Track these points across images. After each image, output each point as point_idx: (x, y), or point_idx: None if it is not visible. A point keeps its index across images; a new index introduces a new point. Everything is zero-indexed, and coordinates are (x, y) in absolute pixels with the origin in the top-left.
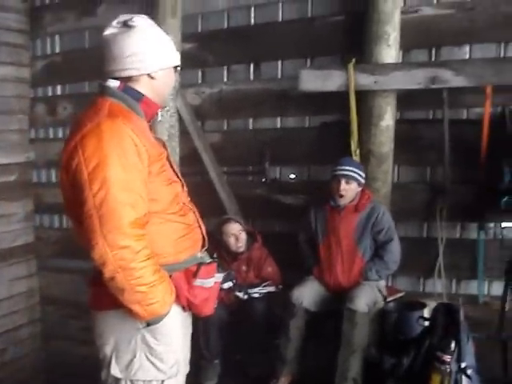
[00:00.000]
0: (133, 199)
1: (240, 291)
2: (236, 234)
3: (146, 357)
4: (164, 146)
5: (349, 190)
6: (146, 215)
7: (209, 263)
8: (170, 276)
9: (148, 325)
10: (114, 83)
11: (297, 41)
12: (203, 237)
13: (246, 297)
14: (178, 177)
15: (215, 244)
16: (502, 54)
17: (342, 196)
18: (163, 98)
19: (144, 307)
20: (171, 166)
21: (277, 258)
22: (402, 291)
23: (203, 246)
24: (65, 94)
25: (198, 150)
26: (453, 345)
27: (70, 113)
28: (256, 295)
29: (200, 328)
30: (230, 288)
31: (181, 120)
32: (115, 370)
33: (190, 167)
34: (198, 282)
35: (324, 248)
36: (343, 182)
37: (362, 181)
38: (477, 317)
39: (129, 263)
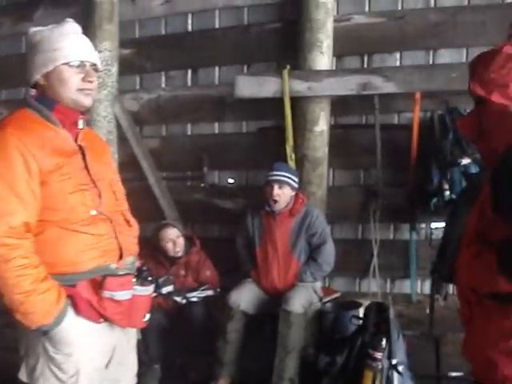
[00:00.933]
0: (9, 209)
1: (178, 296)
2: (173, 239)
3: (47, 364)
4: (103, 151)
5: (282, 195)
6: (28, 224)
7: (122, 275)
8: (74, 285)
9: (44, 333)
10: (31, 92)
11: (233, 47)
12: (120, 248)
13: (184, 301)
14: (94, 184)
15: (153, 249)
16: (430, 61)
17: (275, 201)
18: (67, 100)
19: (24, 316)
20: (89, 173)
21: (215, 262)
22: (338, 292)
23: (121, 257)
24: (1, 100)
25: (137, 156)
26: (384, 342)
27: None
28: (194, 299)
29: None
30: (168, 293)
31: (119, 126)
32: (22, 375)
33: (129, 173)
34: (106, 293)
35: (261, 252)
36: (276, 187)
37: (295, 185)
38: (410, 314)
39: (1, 272)
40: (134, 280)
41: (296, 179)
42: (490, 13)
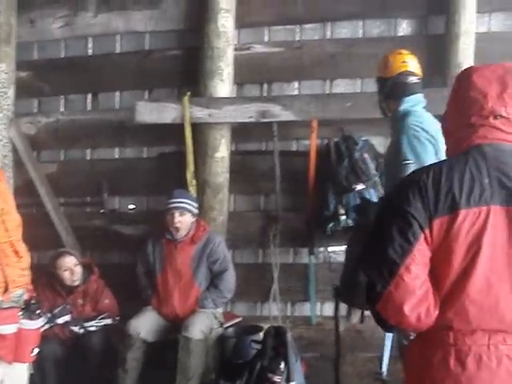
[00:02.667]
0: None
1: (76, 325)
2: (71, 267)
3: None
4: None
5: (183, 222)
6: None
7: (6, 308)
8: None
9: None
10: None
11: (134, 73)
12: (5, 280)
13: (82, 331)
14: None
15: (49, 278)
16: (327, 91)
17: (177, 229)
18: None
19: None
20: None
21: (116, 289)
22: (240, 316)
23: (6, 290)
24: None
25: (33, 181)
26: (282, 365)
27: None
28: (93, 328)
29: (34, 365)
30: (65, 322)
31: (15, 150)
32: None
33: (25, 199)
34: None
35: (161, 279)
36: (177, 214)
37: (196, 211)
38: (311, 337)
39: None
40: (21, 313)
41: (196, 205)
42: (383, 45)
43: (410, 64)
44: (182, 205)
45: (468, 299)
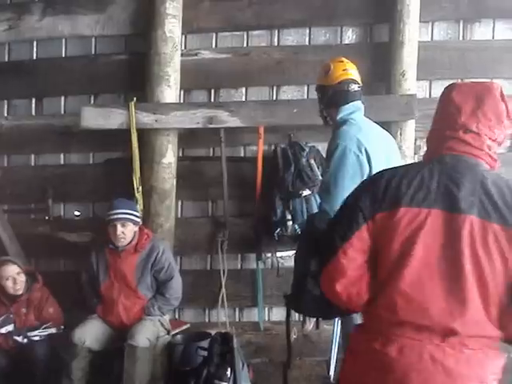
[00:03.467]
0: None
1: (19, 335)
2: (13, 276)
3: None
4: None
5: (126, 233)
6: None
7: None
8: None
9: None
10: None
11: (80, 77)
12: None
13: (25, 340)
14: None
15: None
16: (274, 97)
17: (120, 240)
18: None
19: None
20: None
21: (61, 298)
22: (188, 323)
23: None
24: None
25: None
26: (228, 372)
27: None
28: (36, 338)
29: None
30: (8, 332)
31: None
32: None
33: None
34: None
35: (106, 288)
36: (119, 226)
37: (138, 220)
38: (259, 342)
39: None
40: None
41: (138, 213)
42: (329, 52)
43: (351, 72)
44: (124, 216)
45: (397, 291)
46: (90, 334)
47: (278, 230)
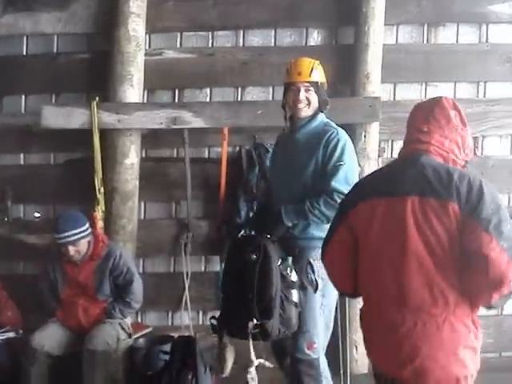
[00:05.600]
0: None
1: None
2: None
3: None
4: None
5: (80, 249)
6: None
7: None
8: None
9: None
10: None
11: (41, 76)
12: None
13: None
14: None
15: None
16: (238, 98)
17: (75, 257)
18: None
19: None
20: None
21: (20, 301)
22: (150, 326)
23: None
24: None
25: None
26: (190, 377)
27: None
28: None
29: None
30: None
31: None
32: None
33: None
34: None
35: (65, 294)
36: (70, 247)
37: (88, 232)
38: None
39: None
40: None
41: (86, 226)
42: (294, 54)
43: None
44: (72, 238)
45: (362, 280)
46: (50, 338)
47: (242, 231)
